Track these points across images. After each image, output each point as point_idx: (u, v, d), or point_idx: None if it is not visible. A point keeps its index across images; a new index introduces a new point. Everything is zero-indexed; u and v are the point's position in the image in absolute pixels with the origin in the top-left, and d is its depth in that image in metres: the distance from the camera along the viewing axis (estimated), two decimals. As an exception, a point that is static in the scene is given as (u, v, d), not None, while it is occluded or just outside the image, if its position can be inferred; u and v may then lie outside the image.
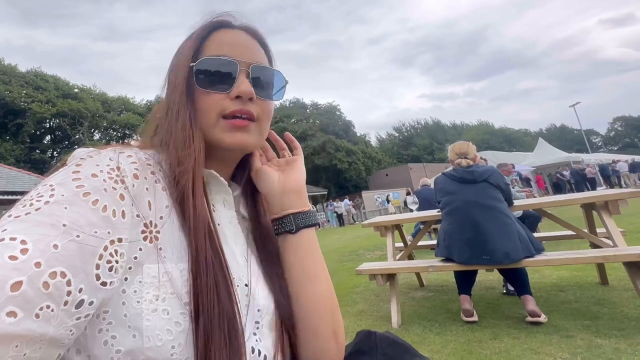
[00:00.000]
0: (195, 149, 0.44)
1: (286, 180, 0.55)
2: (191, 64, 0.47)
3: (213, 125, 0.47)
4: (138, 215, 0.38)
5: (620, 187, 16.04)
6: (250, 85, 0.48)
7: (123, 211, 0.36)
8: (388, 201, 21.95)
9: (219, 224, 0.48)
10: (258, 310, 0.46)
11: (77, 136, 28.73)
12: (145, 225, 0.38)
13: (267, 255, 0.54)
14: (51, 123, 28.88)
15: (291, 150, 0.62)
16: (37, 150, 28.01)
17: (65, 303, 0.30)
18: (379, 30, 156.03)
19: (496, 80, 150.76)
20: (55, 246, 0.31)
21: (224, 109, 0.47)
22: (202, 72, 0.47)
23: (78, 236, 0.32)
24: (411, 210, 7.23)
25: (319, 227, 0.55)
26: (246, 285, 0.45)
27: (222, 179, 0.48)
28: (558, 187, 17.87)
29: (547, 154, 19.38)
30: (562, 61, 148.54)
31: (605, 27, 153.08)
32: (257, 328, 0.45)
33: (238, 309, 0.42)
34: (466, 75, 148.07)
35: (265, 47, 0.55)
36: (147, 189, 0.40)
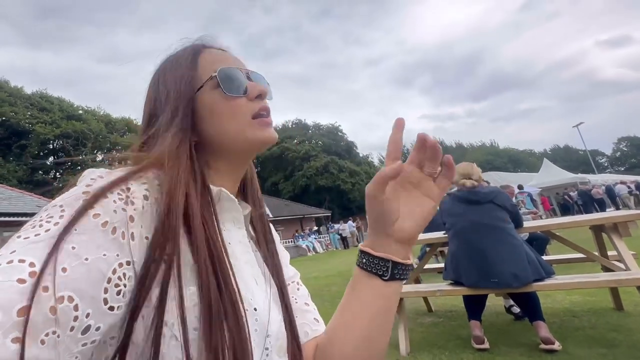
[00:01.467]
0: (185, 165, 0.44)
1: (403, 227, 0.45)
2: (213, 74, 0.48)
3: (247, 126, 0.48)
4: (147, 237, 0.37)
5: (629, 209, 15.79)
6: (261, 85, 0.51)
7: (132, 233, 0.36)
8: (393, 223, 21.68)
9: (229, 243, 0.47)
10: (268, 336, 0.44)
11: (80, 157, 29.12)
12: None
13: (276, 277, 0.53)
14: (55, 144, 29.33)
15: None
16: (40, 172, 28.29)
17: (72, 329, 0.30)
18: (377, 52, 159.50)
19: (497, 100, 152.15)
20: (64, 269, 0.31)
21: (252, 109, 0.49)
22: (224, 79, 0.48)
23: (87, 259, 0.32)
24: (417, 232, 7.13)
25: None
26: (255, 309, 0.44)
27: (232, 196, 0.48)
28: (566, 209, 17.61)
29: (553, 175, 19.28)
30: (561, 82, 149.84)
31: (603, 48, 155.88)
32: (267, 355, 0.44)
33: (248, 336, 0.40)
34: (466, 96, 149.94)
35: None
36: (156, 210, 0.39)
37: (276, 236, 0.62)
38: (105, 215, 0.35)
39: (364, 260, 0.47)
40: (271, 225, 0.62)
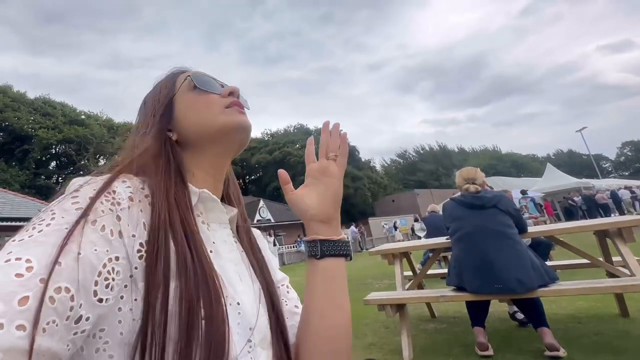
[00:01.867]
0: (163, 160, 0.48)
1: (316, 209, 0.54)
2: (188, 75, 0.55)
3: (220, 114, 0.53)
4: (134, 235, 0.40)
5: (632, 214, 15.64)
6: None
7: (120, 231, 0.38)
8: (396, 228, 21.61)
9: (214, 242, 0.49)
10: (250, 329, 0.46)
11: (82, 162, 29.24)
12: (141, 244, 0.40)
13: (261, 275, 0.55)
14: (57, 149, 29.53)
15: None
16: (42, 176, 28.37)
17: (67, 318, 0.32)
18: (378, 57, 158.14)
19: (498, 105, 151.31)
20: (59, 263, 0.32)
21: (225, 102, 0.54)
22: (198, 79, 0.54)
23: (79, 253, 0.34)
24: (419, 238, 7.09)
25: (350, 259, 0.56)
26: (238, 303, 0.46)
27: (215, 197, 0.50)
28: (570, 214, 17.47)
29: (557, 180, 19.14)
30: (564, 86, 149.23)
31: (605, 53, 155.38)
32: (251, 347, 0.45)
33: (228, 328, 0.41)
34: (468, 101, 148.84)
35: None
36: (141, 210, 0.42)
37: (264, 242, 0.65)
38: (94, 214, 0.38)
39: (306, 249, 0.55)
40: (258, 231, 0.65)
